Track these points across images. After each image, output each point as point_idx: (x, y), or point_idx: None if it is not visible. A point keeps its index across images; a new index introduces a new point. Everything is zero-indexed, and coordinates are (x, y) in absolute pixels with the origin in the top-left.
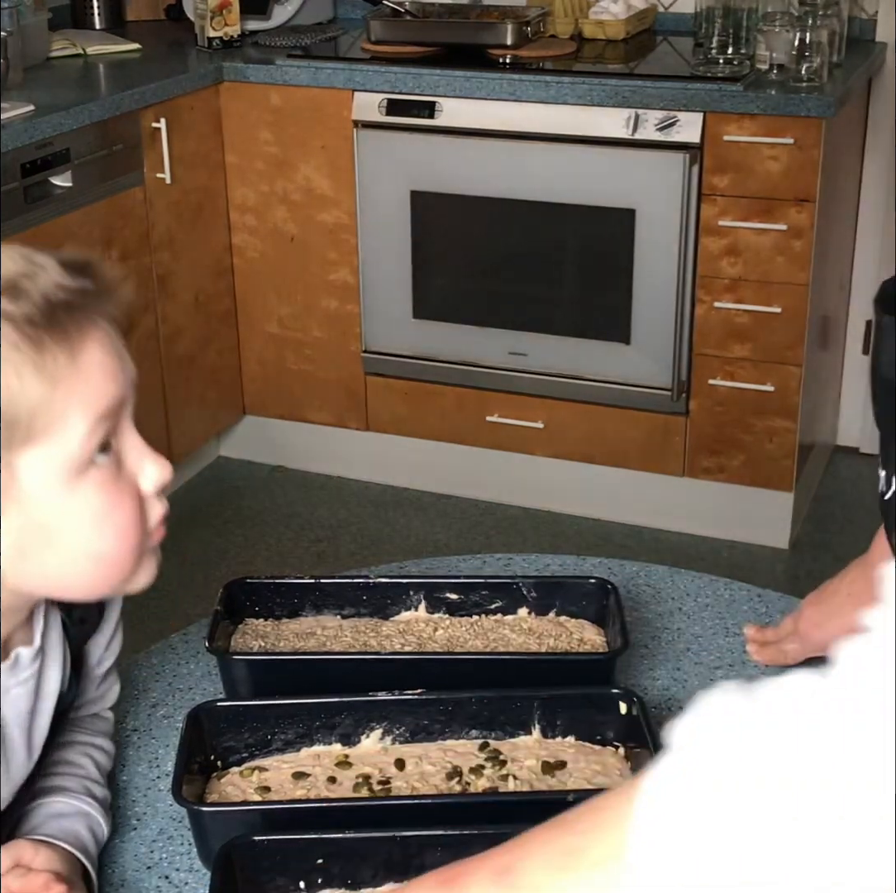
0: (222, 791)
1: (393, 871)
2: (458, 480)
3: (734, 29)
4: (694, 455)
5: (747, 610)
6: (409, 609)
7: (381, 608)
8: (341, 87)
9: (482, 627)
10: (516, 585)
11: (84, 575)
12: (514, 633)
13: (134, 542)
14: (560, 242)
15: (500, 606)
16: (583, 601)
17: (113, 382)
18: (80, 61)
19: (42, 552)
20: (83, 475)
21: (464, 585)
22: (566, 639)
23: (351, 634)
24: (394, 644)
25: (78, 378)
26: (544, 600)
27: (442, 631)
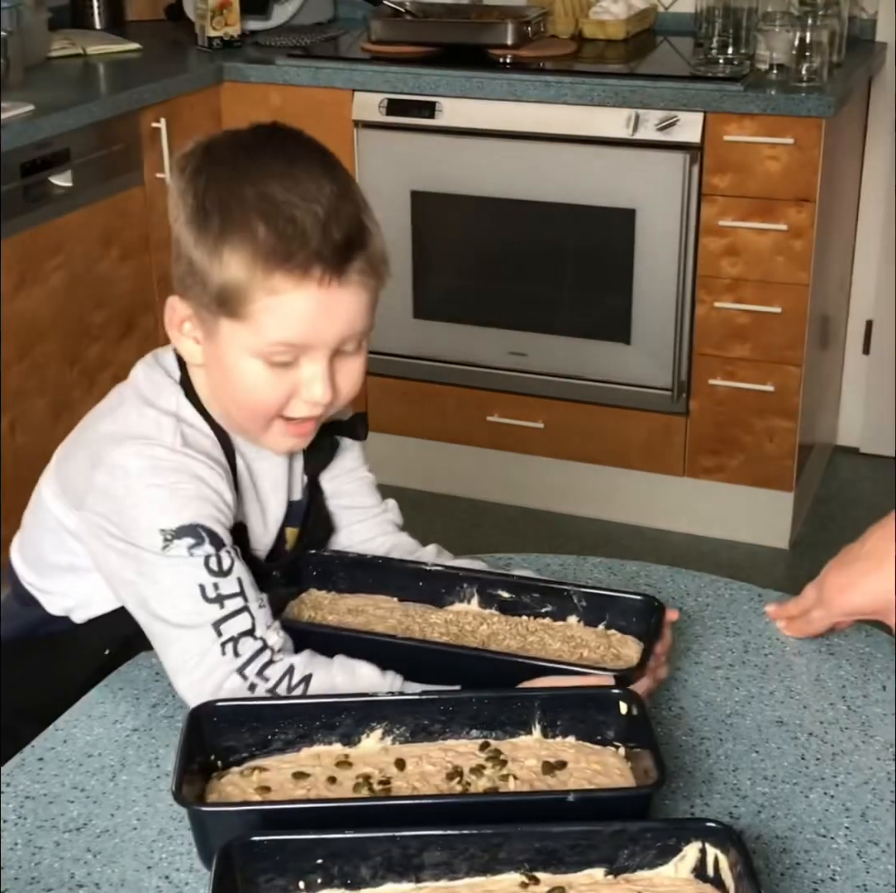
0: (222, 791)
1: (393, 871)
2: (458, 480)
3: (734, 29)
4: (694, 455)
5: (747, 610)
6: (463, 601)
7: (437, 597)
8: (341, 87)
9: (527, 628)
10: (567, 592)
11: (227, 413)
12: (553, 639)
13: (261, 411)
14: (560, 242)
15: (549, 610)
16: (633, 617)
17: (308, 328)
18: (80, 61)
19: (219, 387)
20: (255, 358)
21: (516, 585)
22: (603, 652)
23: (400, 616)
24: (434, 633)
25: (283, 307)
26: (594, 611)
27: (486, 627)
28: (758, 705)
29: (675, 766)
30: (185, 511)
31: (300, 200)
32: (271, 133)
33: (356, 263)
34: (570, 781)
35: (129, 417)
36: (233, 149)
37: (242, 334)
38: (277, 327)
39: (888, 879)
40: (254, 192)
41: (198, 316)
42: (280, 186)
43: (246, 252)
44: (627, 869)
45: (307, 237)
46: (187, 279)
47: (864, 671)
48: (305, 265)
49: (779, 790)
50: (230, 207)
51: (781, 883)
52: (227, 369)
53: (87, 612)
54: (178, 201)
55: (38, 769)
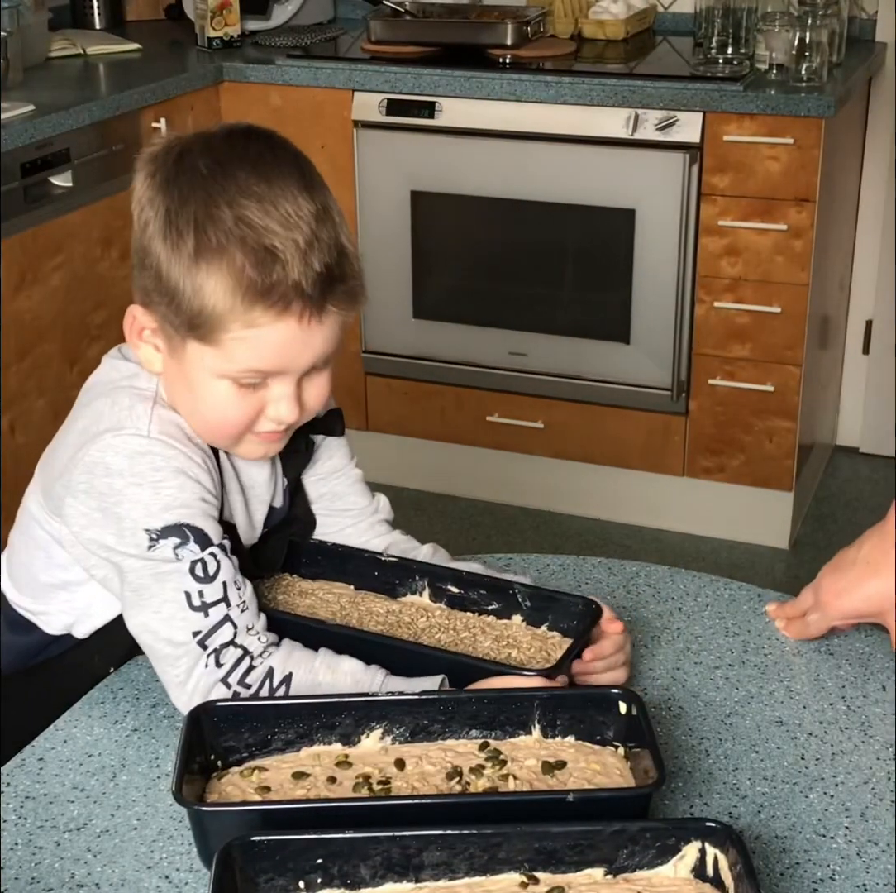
0: (222, 791)
1: (393, 871)
2: (458, 480)
3: (734, 29)
4: (694, 455)
5: (747, 610)
6: (415, 593)
7: (391, 588)
8: (341, 88)
9: (465, 624)
10: (512, 590)
11: (199, 429)
12: (486, 637)
13: (226, 431)
14: (560, 242)
15: (496, 608)
16: (574, 620)
17: (280, 358)
18: (80, 61)
19: (182, 399)
20: (222, 379)
21: (464, 580)
22: (533, 653)
23: (346, 603)
24: (371, 621)
25: (258, 339)
26: (538, 611)
27: (425, 620)
28: (757, 705)
29: (675, 766)
30: (170, 512)
31: (280, 227)
32: (246, 142)
33: (336, 297)
34: (569, 781)
35: (101, 409)
36: (207, 160)
37: (211, 358)
38: (250, 357)
39: (888, 879)
40: (231, 214)
41: (163, 331)
42: (258, 208)
43: (225, 282)
44: (627, 869)
45: (288, 270)
46: (154, 294)
47: (863, 671)
48: (286, 301)
49: (778, 789)
50: (206, 229)
51: (781, 883)
52: (192, 386)
53: (90, 623)
54: (146, 209)
55: (38, 770)
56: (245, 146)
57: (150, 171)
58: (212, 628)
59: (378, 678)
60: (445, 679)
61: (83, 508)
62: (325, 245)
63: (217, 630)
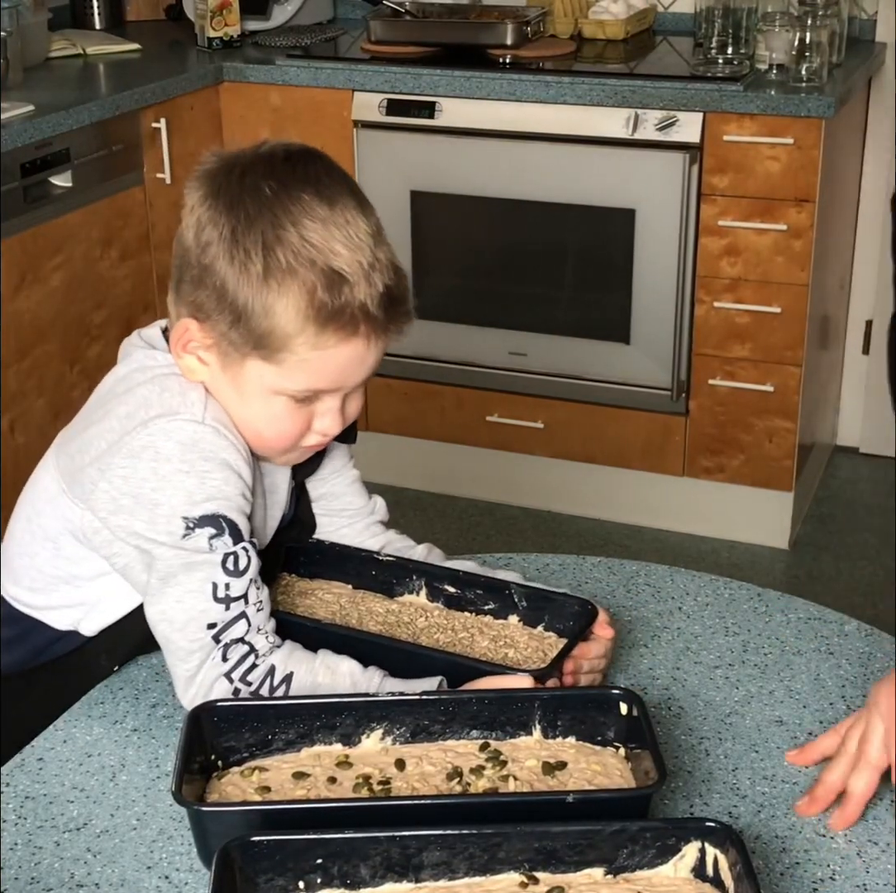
0: (222, 791)
1: (392, 871)
2: (458, 480)
3: (734, 29)
4: (694, 455)
5: (747, 610)
6: (412, 593)
7: (389, 587)
8: (341, 88)
9: (463, 624)
10: (508, 591)
11: (249, 439)
12: (483, 637)
13: (280, 445)
14: (560, 242)
15: (492, 608)
16: (570, 620)
17: (340, 377)
18: (80, 61)
19: (232, 410)
20: (279, 396)
21: (461, 581)
22: (530, 653)
23: (345, 602)
24: (371, 622)
25: (322, 360)
26: (534, 611)
27: (424, 620)
28: (757, 704)
29: (675, 766)
30: (211, 502)
31: (344, 249)
32: (305, 163)
33: (397, 318)
34: (570, 782)
35: (149, 395)
36: (271, 181)
37: (272, 376)
38: (312, 378)
39: (888, 879)
40: (297, 235)
41: (219, 347)
42: (323, 230)
43: (297, 303)
44: (627, 869)
45: (356, 292)
46: (214, 311)
47: (863, 671)
48: (355, 323)
49: (778, 789)
50: (274, 250)
51: (781, 883)
52: (246, 400)
53: (100, 620)
54: (207, 229)
55: (38, 770)
56: (305, 168)
57: (210, 191)
58: (228, 622)
59: (376, 679)
60: (444, 681)
61: (115, 492)
62: (384, 266)
63: (233, 625)
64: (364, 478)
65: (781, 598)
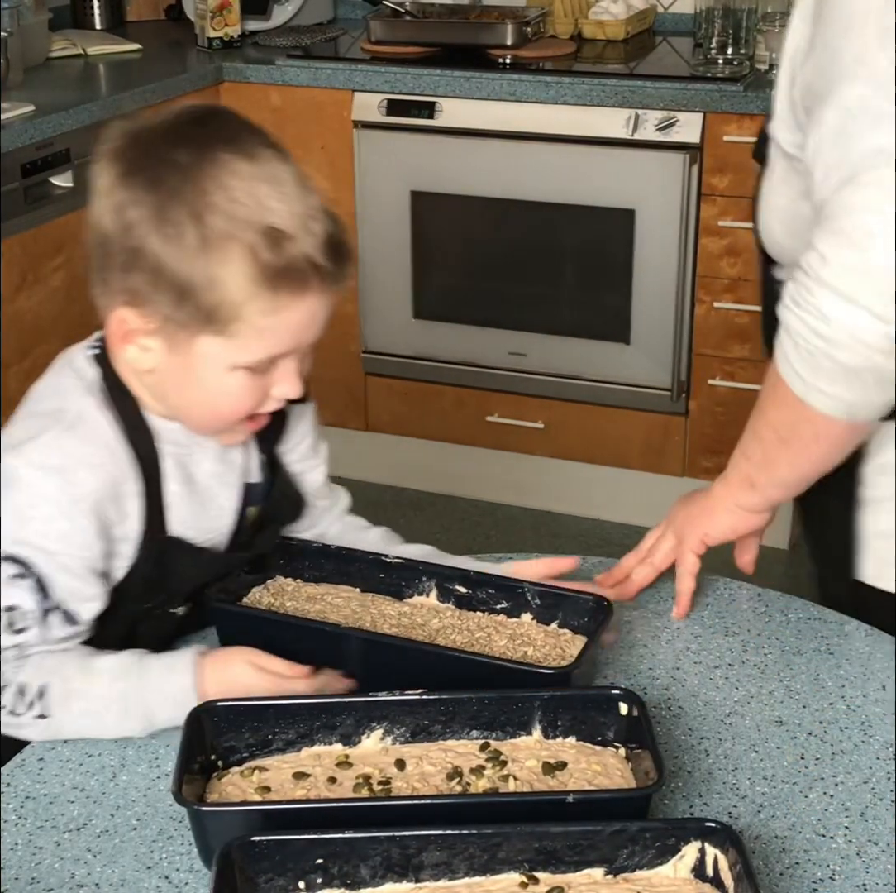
0: (222, 791)
1: (392, 871)
2: (458, 480)
3: (734, 29)
4: (694, 455)
5: (747, 610)
6: (422, 594)
7: (398, 589)
8: (341, 88)
9: (478, 624)
10: (521, 589)
11: (199, 420)
12: (500, 636)
13: (235, 418)
14: (560, 242)
15: (504, 607)
16: (584, 617)
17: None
18: (80, 61)
19: (182, 394)
20: (235, 371)
21: (472, 580)
22: (548, 651)
23: (356, 606)
24: (385, 624)
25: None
26: (547, 609)
27: (437, 621)
28: (757, 704)
29: (675, 766)
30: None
31: (276, 202)
32: (216, 120)
33: (342, 264)
34: (570, 782)
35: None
36: (186, 148)
37: (226, 351)
38: (270, 344)
39: (888, 879)
40: (225, 198)
41: (163, 330)
42: (250, 187)
43: (242, 269)
44: (627, 869)
45: (299, 245)
46: (152, 294)
47: (863, 671)
48: (304, 277)
49: (778, 789)
50: (204, 218)
51: (781, 883)
52: (201, 381)
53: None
54: (128, 209)
55: (38, 770)
56: (218, 127)
57: (123, 169)
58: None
59: (133, 669)
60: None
61: None
62: (319, 213)
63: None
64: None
65: (781, 598)
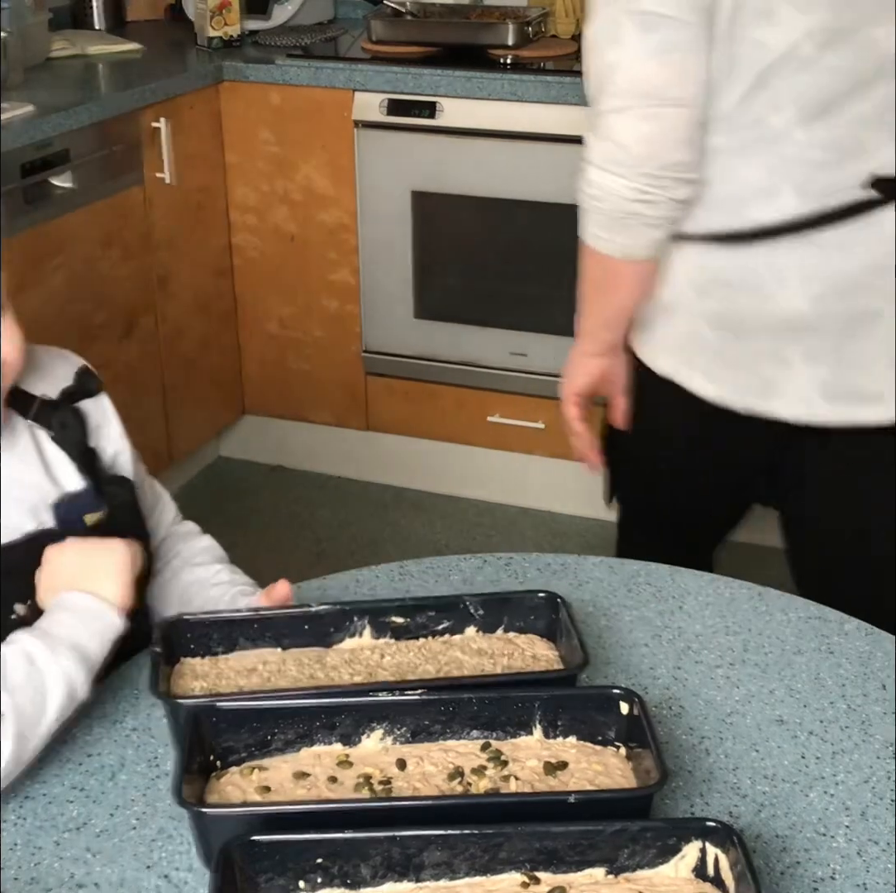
0: (222, 791)
1: (393, 871)
2: (458, 480)
3: None
4: None
5: (747, 609)
6: (353, 636)
7: (323, 637)
8: (341, 87)
9: (430, 650)
10: (463, 603)
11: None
12: (465, 654)
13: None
14: (560, 242)
15: (446, 626)
16: (531, 615)
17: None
18: (80, 61)
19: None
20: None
21: (410, 607)
22: (519, 657)
23: (295, 667)
24: (342, 675)
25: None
26: (492, 617)
27: (389, 658)
28: (758, 704)
29: (675, 765)
30: None
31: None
32: None
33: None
34: (571, 782)
35: None
36: None
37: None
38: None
39: (888, 878)
40: None
41: None
42: None
43: None
44: (628, 869)
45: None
46: None
47: (863, 670)
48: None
49: (779, 789)
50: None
51: (781, 882)
52: None
53: None
54: None
55: (38, 770)
56: None
57: None
58: None
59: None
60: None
61: None
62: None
63: None
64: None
65: (781, 597)
